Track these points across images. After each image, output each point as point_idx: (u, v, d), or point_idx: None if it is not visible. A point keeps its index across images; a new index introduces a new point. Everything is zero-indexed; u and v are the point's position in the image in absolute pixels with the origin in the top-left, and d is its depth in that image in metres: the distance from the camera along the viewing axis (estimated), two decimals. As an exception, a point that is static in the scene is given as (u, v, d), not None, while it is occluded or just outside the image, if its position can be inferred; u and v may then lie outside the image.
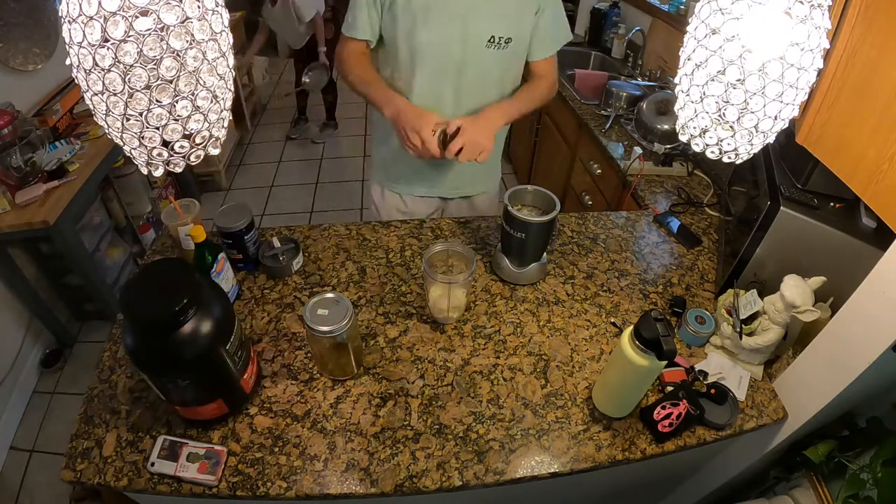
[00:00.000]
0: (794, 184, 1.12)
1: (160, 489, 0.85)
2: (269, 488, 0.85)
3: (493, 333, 1.12)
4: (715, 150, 0.73)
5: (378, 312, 1.16)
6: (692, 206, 1.56)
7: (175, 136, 0.60)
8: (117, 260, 2.31)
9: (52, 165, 1.87)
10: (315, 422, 0.94)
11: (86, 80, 0.55)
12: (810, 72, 0.63)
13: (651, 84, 2.28)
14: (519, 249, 1.18)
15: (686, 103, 0.72)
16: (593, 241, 1.38)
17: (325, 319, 0.91)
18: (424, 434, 0.93)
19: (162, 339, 0.78)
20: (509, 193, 1.15)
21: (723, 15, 0.63)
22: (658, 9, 2.43)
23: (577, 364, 1.07)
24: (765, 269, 1.12)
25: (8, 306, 2.01)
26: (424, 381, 1.02)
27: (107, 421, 0.94)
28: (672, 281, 1.28)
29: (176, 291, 0.78)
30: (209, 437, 0.92)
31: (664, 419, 0.93)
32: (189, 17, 0.53)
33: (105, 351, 1.07)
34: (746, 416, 1.00)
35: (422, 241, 1.35)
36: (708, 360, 1.09)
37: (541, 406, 0.99)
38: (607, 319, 1.16)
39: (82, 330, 2.35)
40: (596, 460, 0.91)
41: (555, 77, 1.40)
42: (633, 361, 0.84)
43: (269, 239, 1.28)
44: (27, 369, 2.09)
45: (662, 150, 1.75)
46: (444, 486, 0.87)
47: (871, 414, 1.02)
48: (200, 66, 0.57)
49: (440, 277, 1.03)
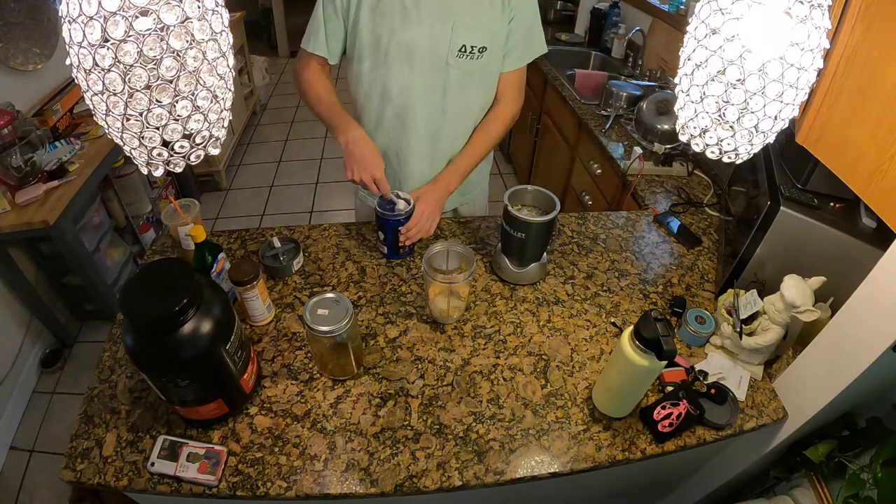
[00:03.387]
0: (794, 184, 1.12)
1: (160, 489, 0.85)
2: (269, 488, 0.85)
3: (493, 333, 1.12)
4: (715, 150, 0.73)
5: (378, 312, 1.16)
6: (692, 206, 1.56)
7: (175, 136, 0.60)
8: (117, 260, 2.31)
9: (52, 165, 1.87)
10: (315, 422, 0.94)
11: (86, 80, 0.55)
12: (810, 72, 0.63)
13: (651, 84, 2.28)
14: (519, 249, 1.18)
15: (686, 103, 0.72)
16: (593, 241, 1.38)
17: (325, 319, 0.91)
18: (424, 434, 0.93)
19: (162, 339, 0.78)
20: (509, 193, 1.15)
21: (723, 15, 0.63)
22: (658, 9, 2.43)
23: (577, 364, 1.07)
24: (765, 269, 1.12)
25: (8, 306, 2.01)
26: (424, 381, 1.02)
27: (107, 421, 0.94)
28: (672, 281, 1.28)
29: (176, 291, 0.78)
30: (209, 437, 0.92)
31: (664, 419, 0.93)
32: (189, 17, 0.53)
33: (105, 351, 1.07)
34: (746, 416, 1.00)
35: (422, 241, 1.35)
36: (708, 360, 1.09)
37: (541, 406, 0.99)
38: (607, 319, 1.16)
39: (82, 330, 2.35)
40: (596, 460, 0.91)
41: (515, 95, 1.30)
42: (633, 361, 0.84)
43: (269, 239, 1.28)
44: (27, 369, 2.09)
45: (662, 150, 1.75)
46: (444, 486, 0.87)
47: (871, 414, 1.02)
48: (200, 66, 0.57)
49: (440, 277, 1.03)
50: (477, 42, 1.15)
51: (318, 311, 0.92)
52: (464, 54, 1.16)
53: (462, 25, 1.13)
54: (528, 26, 1.22)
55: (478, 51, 1.16)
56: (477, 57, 1.17)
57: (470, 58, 1.17)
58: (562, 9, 3.27)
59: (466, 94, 1.24)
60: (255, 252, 1.29)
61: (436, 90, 1.21)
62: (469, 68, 1.19)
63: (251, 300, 1.07)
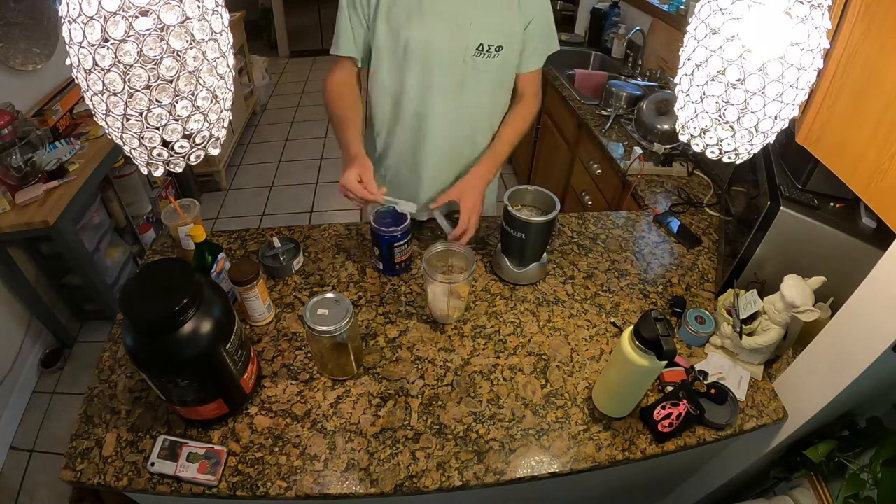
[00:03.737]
0: (794, 184, 1.12)
1: (160, 489, 0.85)
2: (269, 488, 0.85)
3: (493, 333, 1.12)
4: (715, 150, 0.73)
5: (378, 312, 1.16)
6: (692, 206, 1.56)
7: (175, 136, 0.60)
8: (117, 260, 2.31)
9: (52, 165, 1.87)
10: (315, 422, 0.94)
11: (86, 80, 0.55)
12: (810, 72, 0.63)
13: (651, 84, 2.28)
14: (519, 249, 1.18)
15: (686, 103, 0.72)
16: (593, 241, 1.38)
17: (325, 319, 0.91)
18: (424, 434, 0.93)
19: (162, 339, 0.78)
20: (509, 193, 1.15)
21: (723, 15, 0.63)
22: (658, 9, 2.43)
23: (577, 364, 1.07)
24: (765, 269, 1.12)
25: (8, 306, 2.01)
26: (424, 381, 1.02)
27: (107, 421, 0.94)
28: (672, 281, 1.28)
29: (176, 291, 0.78)
30: (209, 437, 0.92)
31: (664, 419, 0.93)
32: (189, 17, 0.53)
33: (105, 351, 1.07)
34: (746, 416, 1.00)
35: (422, 241, 1.35)
36: (708, 360, 1.09)
37: (541, 406, 0.99)
38: (607, 319, 1.16)
39: (82, 330, 2.35)
40: (596, 460, 0.91)
41: (536, 91, 1.33)
42: (633, 361, 0.84)
43: (269, 239, 1.28)
44: (27, 369, 2.09)
45: (662, 150, 1.75)
46: (444, 486, 0.87)
47: (871, 414, 1.02)
48: (200, 66, 0.57)
49: (440, 277, 1.03)
50: (494, 41, 1.16)
51: (318, 311, 0.92)
52: (481, 53, 1.17)
53: (479, 25, 1.14)
54: (547, 26, 1.24)
55: (494, 49, 1.17)
56: (494, 56, 1.18)
57: (487, 56, 1.18)
58: (562, 9, 3.27)
59: (483, 92, 1.24)
60: (255, 252, 1.29)
61: (453, 89, 1.21)
62: (486, 67, 1.19)
63: (251, 300, 1.07)
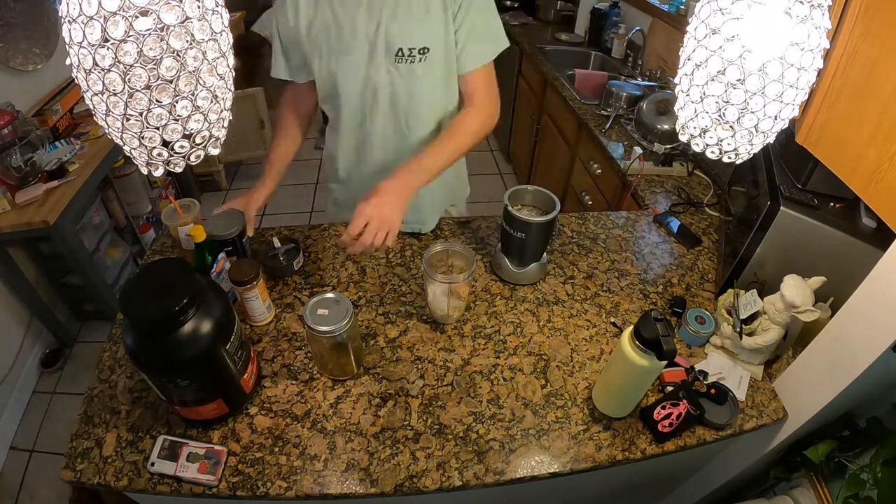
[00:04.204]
0: (794, 184, 1.12)
1: (160, 489, 0.85)
2: (269, 488, 0.85)
3: (493, 333, 1.12)
4: (715, 150, 0.73)
5: (378, 312, 1.16)
6: (692, 206, 1.56)
7: (175, 136, 0.60)
8: (117, 260, 2.31)
9: (52, 165, 1.87)
10: (315, 422, 0.94)
11: (86, 80, 0.55)
12: (810, 72, 0.63)
13: (651, 84, 2.28)
14: (519, 249, 1.18)
15: (686, 103, 0.72)
16: (593, 241, 1.38)
17: (325, 319, 0.91)
18: (424, 434, 0.93)
19: (162, 339, 0.78)
20: (509, 193, 1.15)
21: (723, 15, 0.63)
22: (658, 9, 2.43)
23: (577, 364, 1.07)
24: (765, 269, 1.12)
25: (8, 306, 2.01)
26: (424, 381, 1.02)
27: (107, 421, 0.94)
28: (672, 281, 1.28)
29: (176, 291, 0.78)
30: (209, 437, 0.92)
31: (664, 419, 0.93)
32: (189, 17, 0.53)
33: (105, 351, 1.07)
34: (746, 416, 1.00)
35: (422, 241, 1.35)
36: (708, 360, 1.09)
37: (541, 406, 0.99)
38: (607, 319, 1.16)
39: (82, 330, 2.35)
40: (596, 460, 0.91)
41: (488, 95, 1.19)
42: (633, 361, 0.84)
43: (270, 239, 1.28)
44: (27, 369, 2.09)
45: (662, 150, 1.75)
46: (444, 486, 0.87)
47: (871, 414, 1.02)
48: (200, 66, 0.57)
49: (440, 277, 1.03)
50: (415, 44, 1.09)
51: (318, 311, 0.92)
52: (402, 58, 1.10)
53: (391, 30, 1.07)
54: (482, 21, 1.12)
55: (418, 52, 1.10)
56: (419, 59, 1.11)
57: (410, 61, 1.10)
58: (562, 9, 3.27)
59: (419, 96, 1.17)
60: (255, 252, 1.29)
61: (384, 96, 1.16)
62: (413, 71, 1.12)
63: (251, 300, 1.07)
